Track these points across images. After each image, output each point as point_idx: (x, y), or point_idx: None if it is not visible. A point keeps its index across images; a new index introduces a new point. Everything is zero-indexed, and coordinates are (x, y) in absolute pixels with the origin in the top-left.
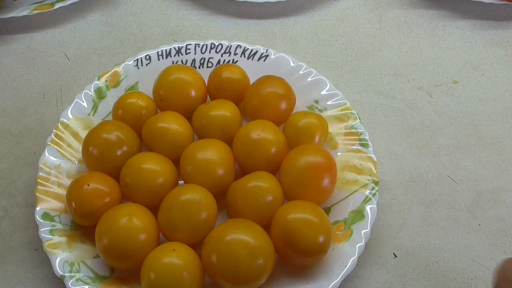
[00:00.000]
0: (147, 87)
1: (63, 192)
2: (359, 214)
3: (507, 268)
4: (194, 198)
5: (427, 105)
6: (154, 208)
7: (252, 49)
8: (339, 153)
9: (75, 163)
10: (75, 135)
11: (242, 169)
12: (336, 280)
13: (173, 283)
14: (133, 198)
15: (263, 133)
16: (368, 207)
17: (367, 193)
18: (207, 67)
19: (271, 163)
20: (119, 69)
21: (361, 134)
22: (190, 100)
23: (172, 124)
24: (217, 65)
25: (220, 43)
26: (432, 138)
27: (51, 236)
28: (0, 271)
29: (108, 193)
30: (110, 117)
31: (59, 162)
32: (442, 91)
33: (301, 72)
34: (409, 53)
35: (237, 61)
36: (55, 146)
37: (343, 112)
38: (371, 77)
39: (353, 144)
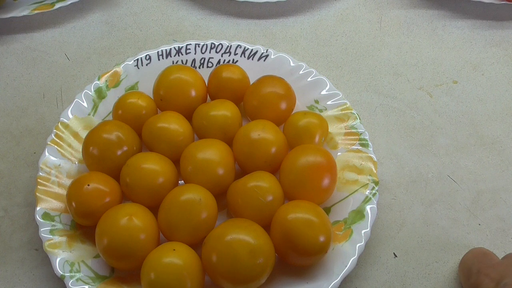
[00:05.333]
0: (147, 87)
1: (63, 192)
2: (359, 214)
3: (465, 258)
4: (194, 198)
5: (427, 105)
6: (154, 208)
7: (252, 49)
8: (339, 153)
9: (75, 163)
10: (75, 135)
11: (242, 169)
12: (336, 280)
13: (173, 283)
14: (133, 198)
15: (263, 133)
16: (368, 207)
17: (367, 193)
18: (207, 67)
19: (271, 163)
20: (119, 69)
21: (361, 134)
22: (190, 100)
23: (172, 124)
24: (217, 65)
25: (220, 43)
26: (432, 138)
27: (51, 236)
28: (0, 271)
29: (108, 193)
30: (110, 117)
31: (59, 162)
32: (442, 91)
33: (301, 72)
34: (409, 53)
35: (237, 61)
36: (55, 146)
37: (343, 112)
38: (371, 77)
39: (353, 144)
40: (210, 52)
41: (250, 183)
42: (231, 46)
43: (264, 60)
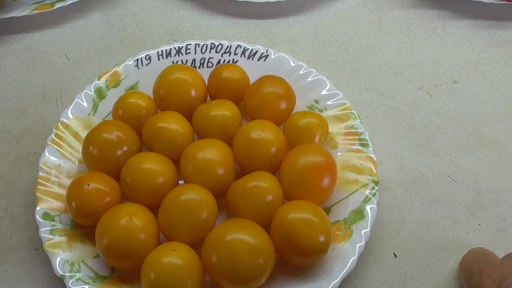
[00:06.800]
0: (147, 87)
1: (63, 192)
2: (359, 214)
3: (466, 258)
4: (194, 198)
5: (427, 105)
6: (154, 208)
7: (252, 49)
8: (339, 153)
9: (75, 163)
10: (75, 135)
11: (242, 169)
12: (336, 280)
13: (173, 283)
14: (133, 198)
15: (263, 133)
16: (368, 207)
17: (367, 193)
18: (207, 67)
19: (271, 163)
20: (119, 69)
21: (361, 134)
22: (190, 100)
23: (172, 124)
24: (217, 65)
25: (220, 43)
26: (432, 138)
27: (51, 236)
28: (1, 271)
29: (108, 193)
30: (110, 117)
31: (59, 162)
32: (442, 91)
33: (301, 72)
34: (409, 53)
35: (237, 61)
36: (55, 146)
37: (343, 112)
38: (371, 77)
39: (353, 144)
40: (210, 52)
41: (250, 183)
42: (231, 46)
43: (264, 60)
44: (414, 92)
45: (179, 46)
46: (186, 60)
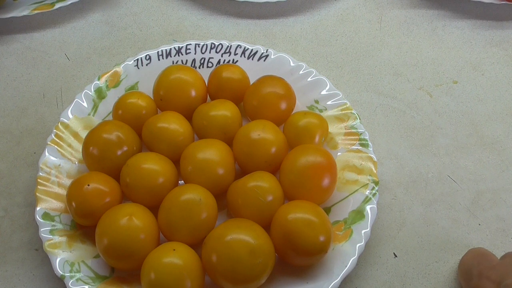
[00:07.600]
0: (147, 87)
1: (63, 192)
2: (359, 214)
3: (464, 259)
4: (194, 198)
5: (427, 105)
6: (154, 208)
7: (252, 49)
8: (339, 153)
9: (75, 163)
10: (75, 135)
11: (242, 169)
12: (336, 280)
13: (173, 283)
14: (133, 198)
15: (263, 133)
16: (368, 207)
17: (367, 193)
18: (207, 67)
19: (271, 163)
20: (119, 69)
21: (361, 134)
22: (190, 100)
23: (172, 124)
24: (217, 65)
25: (220, 43)
26: (432, 138)
27: (51, 236)
28: (0, 271)
29: (108, 193)
30: (110, 117)
31: (59, 162)
32: (442, 91)
33: (301, 72)
34: (409, 53)
35: (237, 61)
36: (55, 146)
37: (343, 112)
38: (371, 77)
39: (353, 144)
40: (210, 52)
41: (250, 183)
42: (231, 46)
43: (264, 60)
44: (414, 92)
45: (179, 46)
46: (186, 60)
